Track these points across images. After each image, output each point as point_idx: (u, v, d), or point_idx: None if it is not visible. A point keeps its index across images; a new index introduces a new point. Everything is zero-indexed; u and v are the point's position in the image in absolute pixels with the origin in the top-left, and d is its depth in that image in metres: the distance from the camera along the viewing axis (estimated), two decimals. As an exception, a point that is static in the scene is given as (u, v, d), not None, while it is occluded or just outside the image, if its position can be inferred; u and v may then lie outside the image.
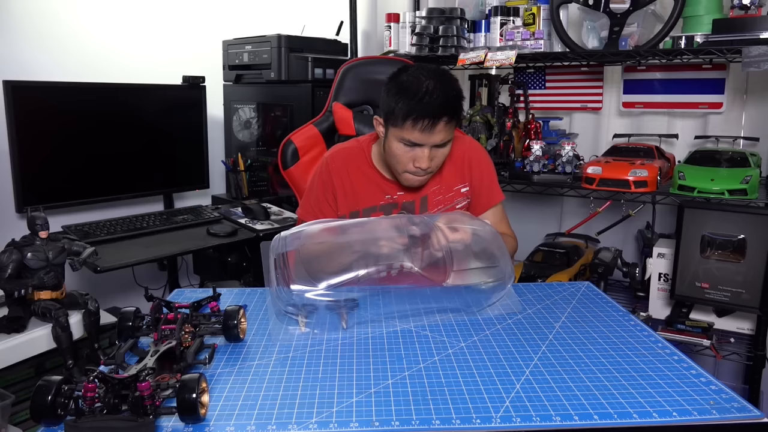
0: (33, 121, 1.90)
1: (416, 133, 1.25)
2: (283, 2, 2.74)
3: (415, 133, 1.25)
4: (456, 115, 1.27)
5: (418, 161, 1.28)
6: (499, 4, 2.09)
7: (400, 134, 1.27)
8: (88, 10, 2.19)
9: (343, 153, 1.46)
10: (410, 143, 1.27)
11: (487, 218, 1.40)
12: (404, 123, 1.25)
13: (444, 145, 1.30)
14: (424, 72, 1.28)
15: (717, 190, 1.68)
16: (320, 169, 1.46)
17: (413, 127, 1.24)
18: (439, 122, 1.24)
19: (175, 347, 0.90)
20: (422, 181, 1.36)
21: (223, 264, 2.22)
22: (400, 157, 1.30)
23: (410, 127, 1.25)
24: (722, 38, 1.63)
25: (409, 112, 1.24)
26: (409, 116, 1.24)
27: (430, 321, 1.12)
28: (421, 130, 1.24)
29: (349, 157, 1.44)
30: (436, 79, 1.26)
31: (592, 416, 0.80)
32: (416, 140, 1.26)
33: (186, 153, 2.35)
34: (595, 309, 1.19)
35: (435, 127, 1.24)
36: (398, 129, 1.27)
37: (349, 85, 1.67)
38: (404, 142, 1.28)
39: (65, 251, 1.52)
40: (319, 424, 0.78)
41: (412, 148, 1.28)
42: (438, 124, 1.24)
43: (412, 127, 1.25)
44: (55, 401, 0.74)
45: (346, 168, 1.42)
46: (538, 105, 2.35)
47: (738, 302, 1.67)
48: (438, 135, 1.26)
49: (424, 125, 1.23)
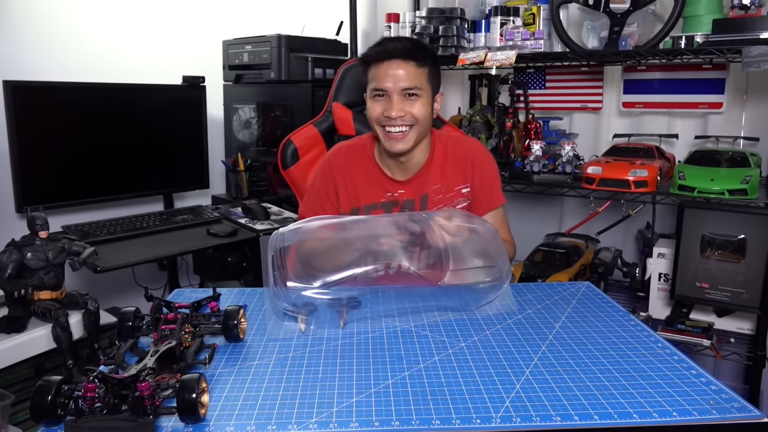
0: (33, 121, 1.90)
1: (377, 75, 1.29)
2: (283, 2, 2.74)
3: (376, 75, 1.30)
4: (414, 56, 1.29)
5: (388, 110, 1.30)
6: (499, 4, 2.09)
7: (370, 88, 1.33)
8: (88, 10, 2.19)
9: (346, 149, 1.46)
10: (377, 91, 1.31)
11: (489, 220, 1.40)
12: (368, 73, 1.32)
13: (417, 95, 1.31)
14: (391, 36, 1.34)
15: (717, 190, 1.68)
16: (323, 166, 1.47)
17: (374, 72, 1.30)
18: (394, 58, 1.28)
19: (175, 347, 0.90)
20: (403, 144, 1.32)
21: (223, 264, 2.22)
22: (373, 111, 1.33)
23: (372, 74, 1.31)
24: (722, 38, 1.63)
25: (365, 58, 1.32)
26: (368, 61, 1.31)
27: (430, 321, 1.12)
28: (378, 68, 1.29)
29: (352, 154, 1.45)
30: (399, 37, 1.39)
31: (592, 416, 0.80)
32: (381, 85, 1.29)
33: (186, 153, 2.35)
34: (595, 309, 1.19)
35: (390, 64, 1.28)
36: (368, 85, 1.33)
37: (348, 85, 1.67)
38: (373, 93, 1.32)
39: (65, 251, 1.52)
40: (319, 424, 0.78)
41: (382, 99, 1.31)
42: (393, 60, 1.28)
43: (373, 73, 1.30)
44: (55, 401, 0.74)
45: (348, 164, 1.43)
46: (538, 105, 2.35)
47: (738, 302, 1.67)
48: (400, 79, 1.28)
49: (380, 60, 1.28)
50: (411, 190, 1.42)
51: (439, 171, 1.42)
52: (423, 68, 1.31)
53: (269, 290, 1.10)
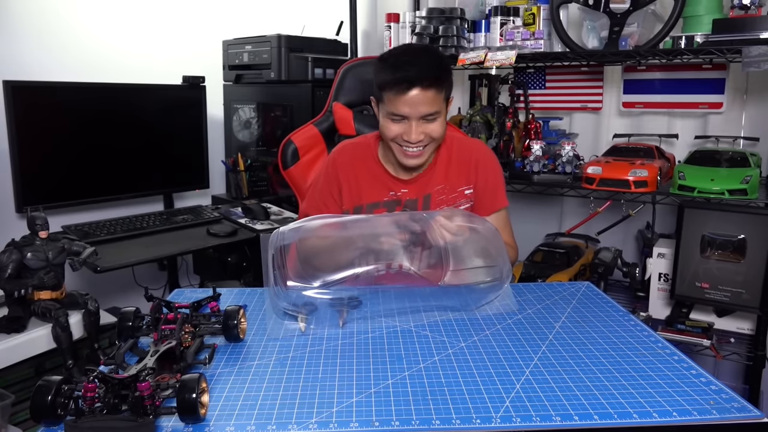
0: (33, 121, 1.91)
1: (395, 103, 1.26)
2: (283, 2, 2.74)
3: (394, 102, 1.26)
4: (435, 83, 1.26)
5: (407, 134, 1.28)
6: (499, 4, 2.09)
7: (386, 109, 1.29)
8: (88, 10, 2.19)
9: (350, 147, 1.46)
10: (397, 116, 1.28)
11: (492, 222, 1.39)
12: (386, 94, 1.27)
13: (433, 119, 1.29)
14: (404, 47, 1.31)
15: (717, 190, 1.68)
16: (327, 164, 1.46)
17: (394, 97, 1.25)
18: (414, 88, 1.24)
19: (175, 347, 0.90)
20: (418, 161, 1.34)
21: (223, 264, 2.22)
22: (391, 133, 1.30)
23: (391, 98, 1.26)
24: (722, 38, 1.62)
25: (387, 81, 1.26)
26: (387, 85, 1.26)
27: (430, 321, 1.12)
28: (400, 97, 1.24)
29: (356, 152, 1.44)
30: (415, 51, 1.29)
31: (592, 416, 0.80)
32: (400, 111, 1.26)
33: (186, 153, 2.35)
34: (595, 309, 1.19)
35: (410, 93, 1.24)
36: (383, 104, 1.29)
37: (349, 85, 1.67)
38: (391, 117, 1.29)
39: (65, 251, 1.52)
40: (319, 424, 0.78)
41: (401, 122, 1.28)
42: (413, 90, 1.24)
43: (393, 97, 1.26)
44: (55, 401, 0.74)
45: (352, 163, 1.43)
46: (538, 105, 2.35)
47: (738, 302, 1.67)
48: (419, 105, 1.25)
49: (401, 90, 1.24)
50: (414, 190, 1.41)
51: (443, 172, 1.42)
52: (441, 91, 1.29)
53: (269, 289, 1.10)
